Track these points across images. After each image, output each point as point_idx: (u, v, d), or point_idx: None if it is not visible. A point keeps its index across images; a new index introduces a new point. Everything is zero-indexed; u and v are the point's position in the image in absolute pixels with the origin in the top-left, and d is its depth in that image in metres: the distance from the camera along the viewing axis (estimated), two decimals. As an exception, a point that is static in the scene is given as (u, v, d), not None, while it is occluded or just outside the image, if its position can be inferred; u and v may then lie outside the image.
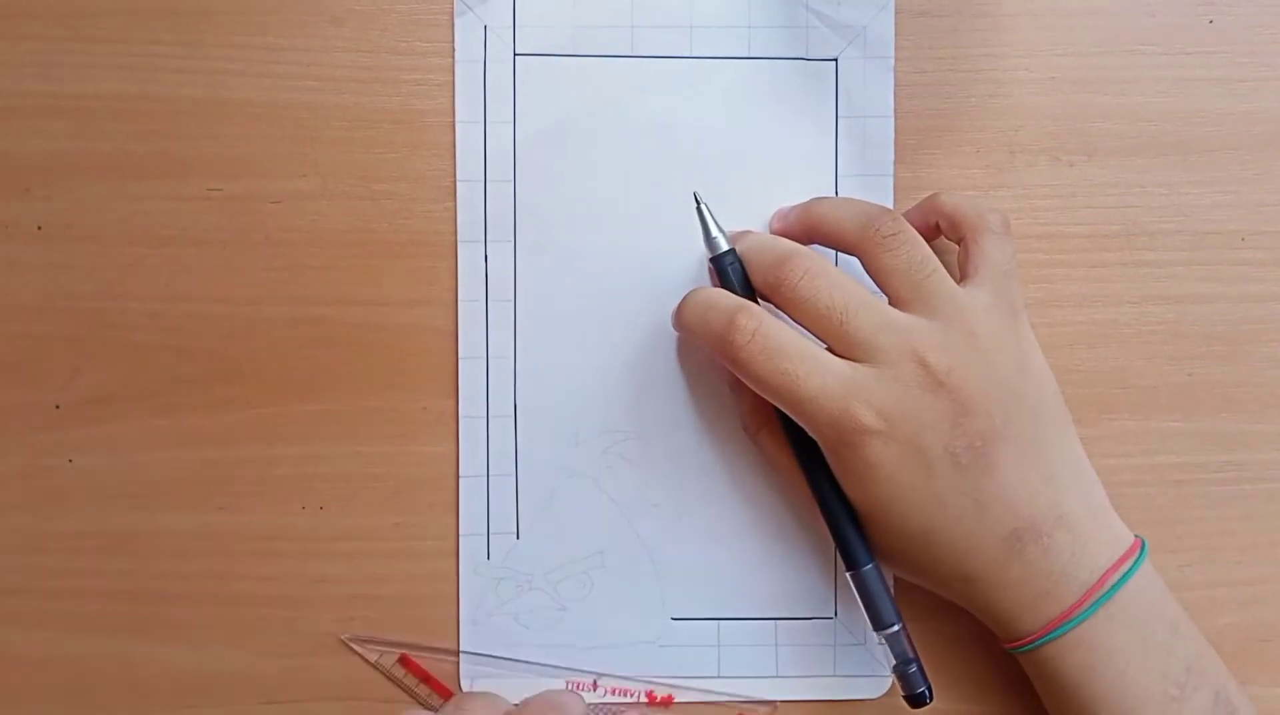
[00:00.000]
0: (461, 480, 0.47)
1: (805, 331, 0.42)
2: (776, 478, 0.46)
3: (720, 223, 0.44)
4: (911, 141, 0.47)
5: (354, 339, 0.47)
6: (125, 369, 0.46)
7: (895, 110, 0.47)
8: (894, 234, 0.42)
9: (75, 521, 0.46)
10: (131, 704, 0.47)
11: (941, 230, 0.44)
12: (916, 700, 0.43)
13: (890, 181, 0.47)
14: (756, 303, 0.43)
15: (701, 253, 0.45)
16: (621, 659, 0.47)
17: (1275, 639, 0.43)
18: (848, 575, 0.43)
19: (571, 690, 0.46)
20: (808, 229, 0.44)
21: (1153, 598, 0.42)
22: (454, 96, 0.46)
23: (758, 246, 0.43)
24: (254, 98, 0.46)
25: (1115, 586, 0.41)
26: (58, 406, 0.46)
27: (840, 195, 0.47)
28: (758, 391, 0.42)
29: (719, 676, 0.47)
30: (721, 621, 0.47)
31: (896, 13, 0.46)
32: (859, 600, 0.43)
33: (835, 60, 0.46)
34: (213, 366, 0.46)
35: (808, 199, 0.45)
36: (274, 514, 0.47)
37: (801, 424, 0.42)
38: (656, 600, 0.47)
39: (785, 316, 0.42)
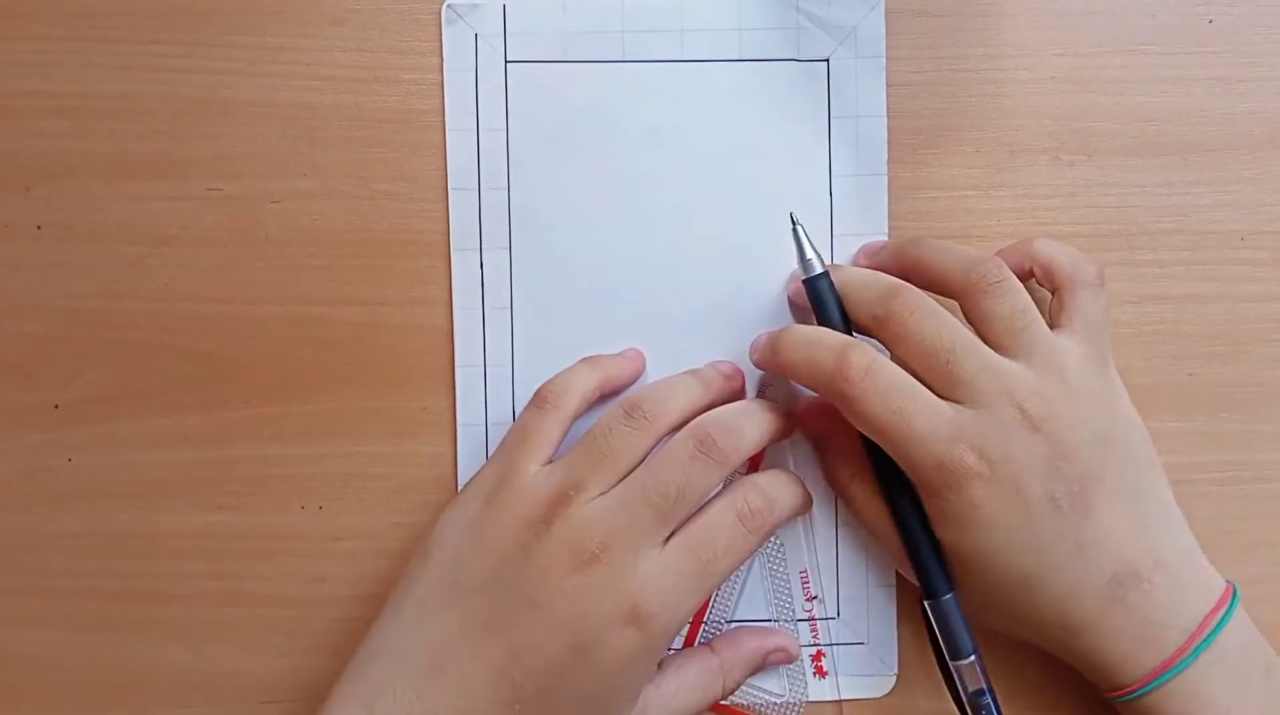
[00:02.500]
0: (460, 483, 0.47)
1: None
2: (864, 529, 0.46)
3: (816, 247, 0.44)
4: (911, 141, 0.47)
5: (353, 339, 0.47)
6: (125, 369, 0.46)
7: (894, 110, 0.47)
8: (999, 282, 0.42)
9: (75, 521, 0.46)
10: (131, 704, 0.47)
11: (1035, 277, 0.44)
12: None
13: (884, 181, 0.47)
14: (852, 334, 0.43)
15: (698, 258, 0.46)
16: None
17: (1276, 638, 0.43)
18: (926, 605, 0.43)
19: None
20: (904, 268, 0.44)
21: (1247, 643, 0.42)
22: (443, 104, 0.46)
23: (859, 279, 0.43)
24: (254, 98, 0.46)
25: (1214, 632, 0.41)
26: (58, 406, 0.46)
27: (834, 193, 0.47)
28: (863, 429, 0.41)
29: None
30: (723, 623, 0.47)
31: (896, 13, 0.46)
32: (936, 630, 0.43)
33: (827, 61, 0.46)
34: (213, 366, 0.46)
35: (895, 240, 0.46)
36: (274, 514, 0.47)
37: (904, 465, 0.41)
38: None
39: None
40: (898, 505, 0.43)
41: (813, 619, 0.47)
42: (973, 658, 0.43)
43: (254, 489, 0.47)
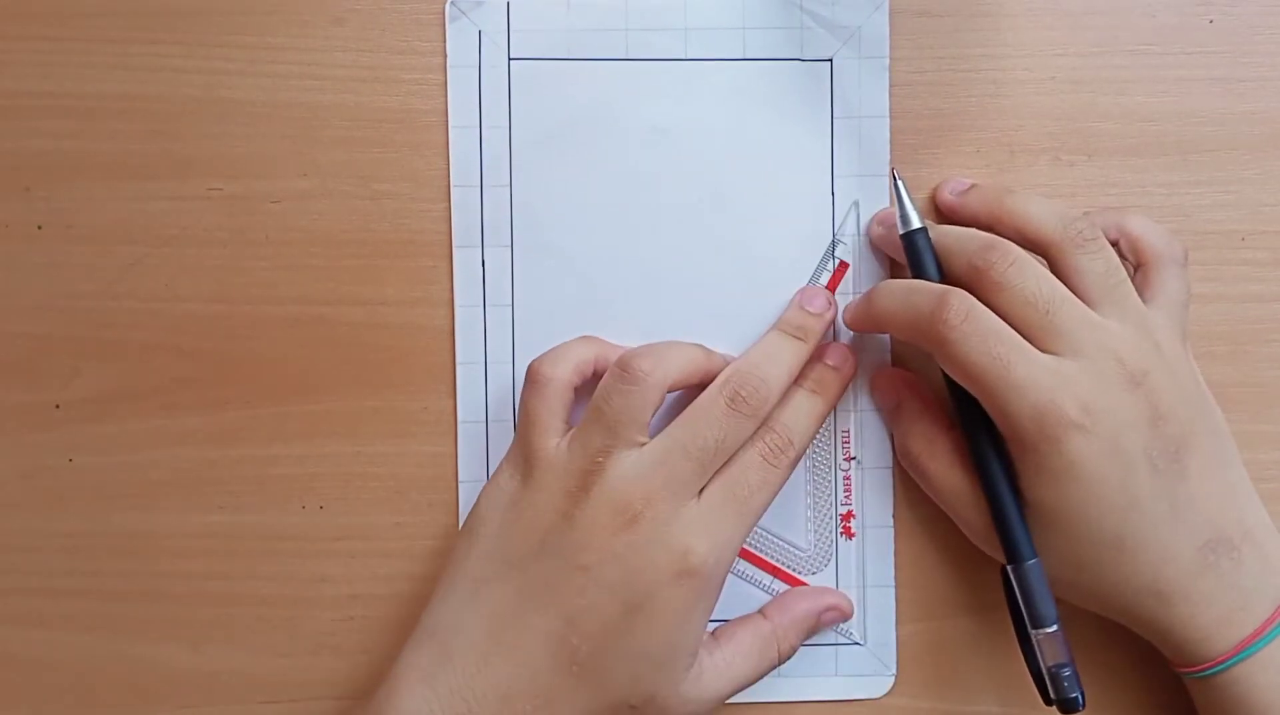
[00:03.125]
0: (461, 484, 0.47)
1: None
2: (939, 501, 0.46)
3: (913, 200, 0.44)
4: (912, 141, 0.47)
5: (354, 339, 0.47)
6: (125, 369, 0.46)
7: (895, 110, 0.47)
8: (1093, 238, 0.42)
9: (75, 521, 0.46)
10: (131, 704, 0.47)
11: (1121, 249, 0.44)
12: (1067, 705, 0.42)
13: (885, 182, 0.47)
14: None
15: (701, 257, 0.46)
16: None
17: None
18: (1008, 569, 0.42)
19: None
20: (994, 215, 0.44)
21: None
22: (446, 101, 0.46)
23: (956, 232, 0.43)
24: (254, 98, 0.46)
25: None
26: (58, 406, 0.46)
27: (835, 192, 0.47)
28: (960, 376, 0.41)
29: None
30: (722, 623, 0.47)
31: (896, 13, 0.46)
32: (1018, 597, 0.42)
33: (830, 61, 0.46)
34: (213, 366, 0.46)
35: (986, 185, 0.45)
36: (274, 514, 0.47)
37: (1000, 415, 0.41)
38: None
39: None
40: (984, 462, 0.42)
41: (847, 478, 0.47)
42: (1056, 627, 0.42)
43: (254, 489, 0.47)
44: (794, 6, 0.46)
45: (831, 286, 0.47)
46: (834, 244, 0.47)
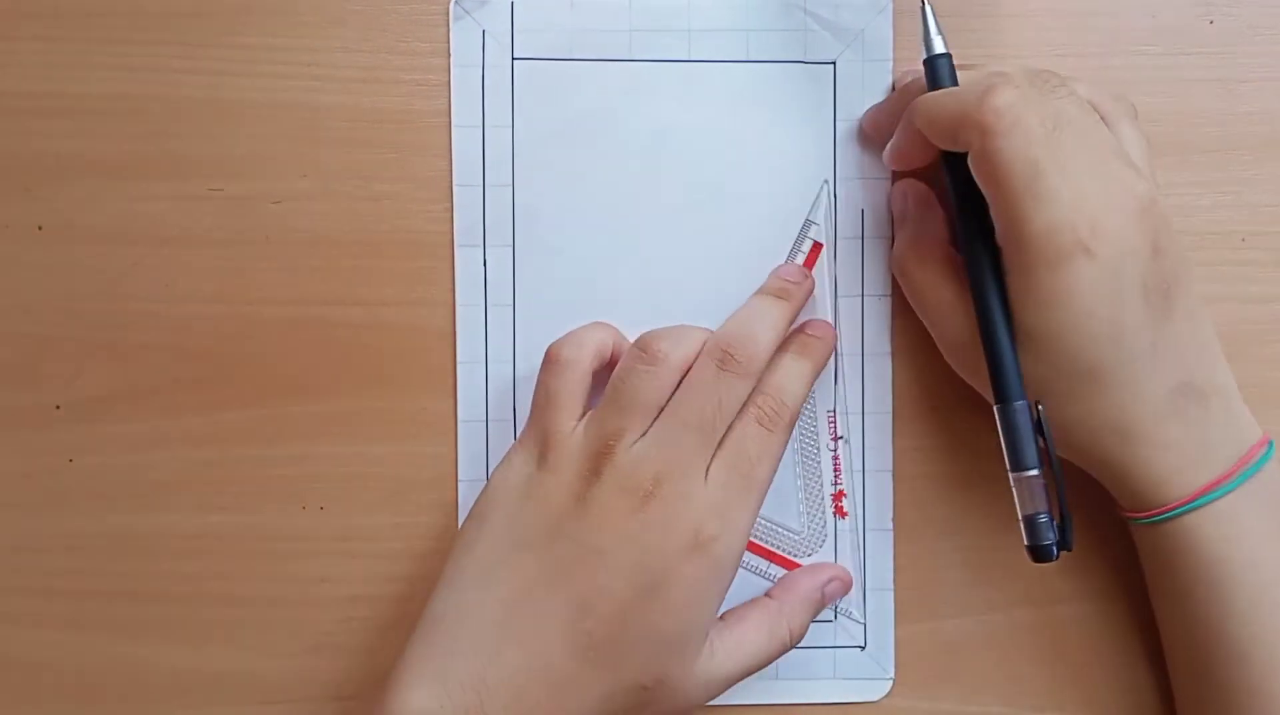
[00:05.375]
0: (460, 483, 0.47)
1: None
2: (924, 317, 0.45)
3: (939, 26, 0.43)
4: (912, 142, 0.47)
5: (354, 339, 0.47)
6: (125, 369, 0.46)
7: (895, 111, 0.47)
8: (1063, 83, 0.41)
9: (75, 521, 0.46)
10: (131, 704, 0.47)
11: None
12: (1037, 554, 0.41)
13: (887, 185, 0.47)
14: None
15: (702, 258, 0.46)
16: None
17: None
18: (996, 409, 0.42)
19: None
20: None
21: None
22: (450, 100, 0.46)
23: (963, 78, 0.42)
24: (254, 98, 0.46)
25: (1261, 461, 0.41)
26: (58, 406, 0.46)
27: (839, 195, 0.47)
28: (989, 172, 0.40)
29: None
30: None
31: (896, 14, 0.46)
32: (1001, 439, 0.42)
33: (833, 63, 0.46)
34: (213, 366, 0.46)
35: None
36: (274, 514, 0.47)
37: (1011, 224, 0.40)
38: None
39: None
40: (982, 289, 0.42)
41: (836, 458, 0.47)
42: (1035, 472, 0.41)
43: (255, 489, 0.47)
44: (797, 9, 0.46)
45: (807, 267, 0.47)
46: (807, 225, 0.47)
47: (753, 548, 0.47)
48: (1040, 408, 0.41)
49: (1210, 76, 0.47)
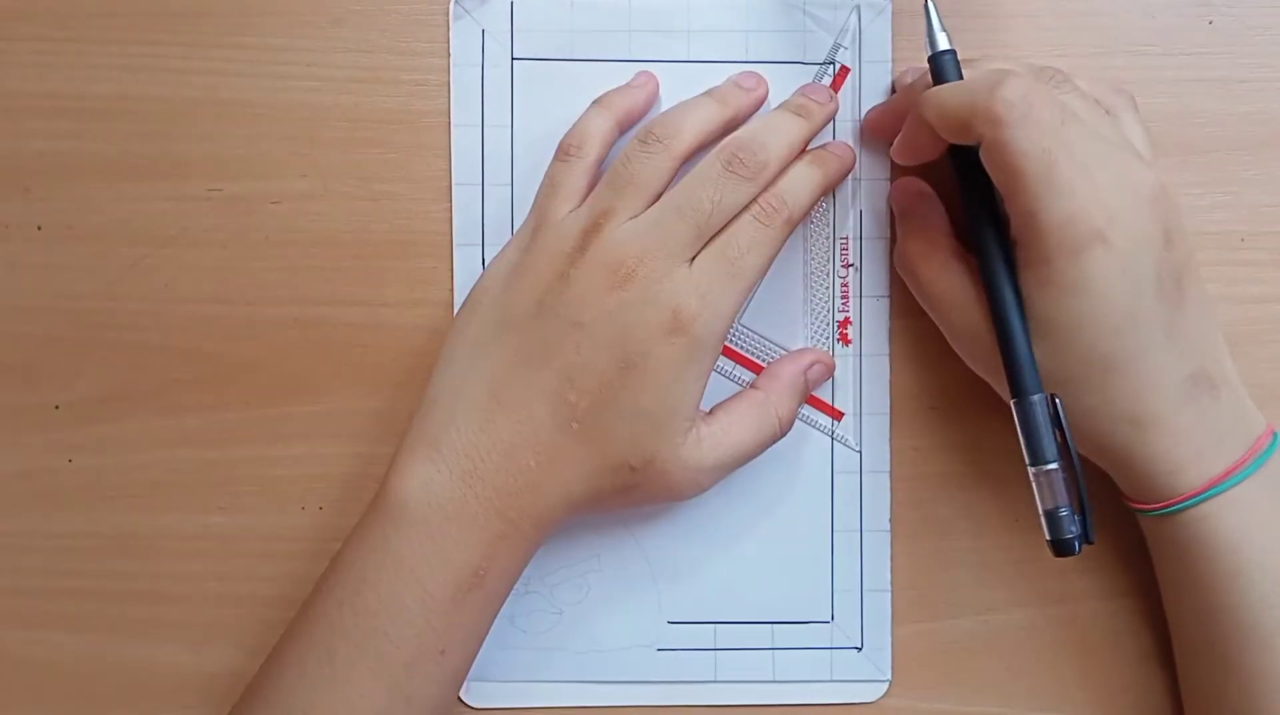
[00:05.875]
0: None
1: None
2: (933, 314, 0.45)
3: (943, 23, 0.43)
4: (912, 142, 0.47)
5: (354, 339, 0.47)
6: (125, 369, 0.46)
7: (895, 111, 0.47)
8: (1066, 80, 0.42)
9: (75, 521, 0.47)
10: (131, 704, 0.47)
11: None
12: (1059, 547, 0.41)
13: (886, 186, 0.47)
14: None
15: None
16: (618, 663, 0.47)
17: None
18: (1013, 403, 0.41)
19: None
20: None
21: None
22: (449, 99, 0.46)
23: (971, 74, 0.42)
24: (254, 98, 0.46)
25: (1269, 451, 0.42)
26: (58, 407, 0.46)
27: (837, 195, 0.47)
28: (1001, 164, 0.39)
29: (715, 681, 0.47)
30: (718, 625, 0.47)
31: (896, 15, 0.46)
32: (1019, 433, 0.41)
33: (832, 64, 0.46)
34: (213, 366, 0.46)
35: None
36: (274, 515, 0.47)
37: (1027, 216, 0.40)
38: (653, 604, 0.47)
39: None
40: (995, 279, 0.41)
41: (845, 285, 0.47)
42: (1054, 466, 0.41)
43: (254, 490, 0.47)
44: (797, 9, 0.46)
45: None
46: (835, 49, 0.46)
47: (749, 364, 0.47)
48: (1058, 400, 0.41)
49: (1210, 76, 0.47)
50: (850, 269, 0.47)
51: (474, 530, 0.41)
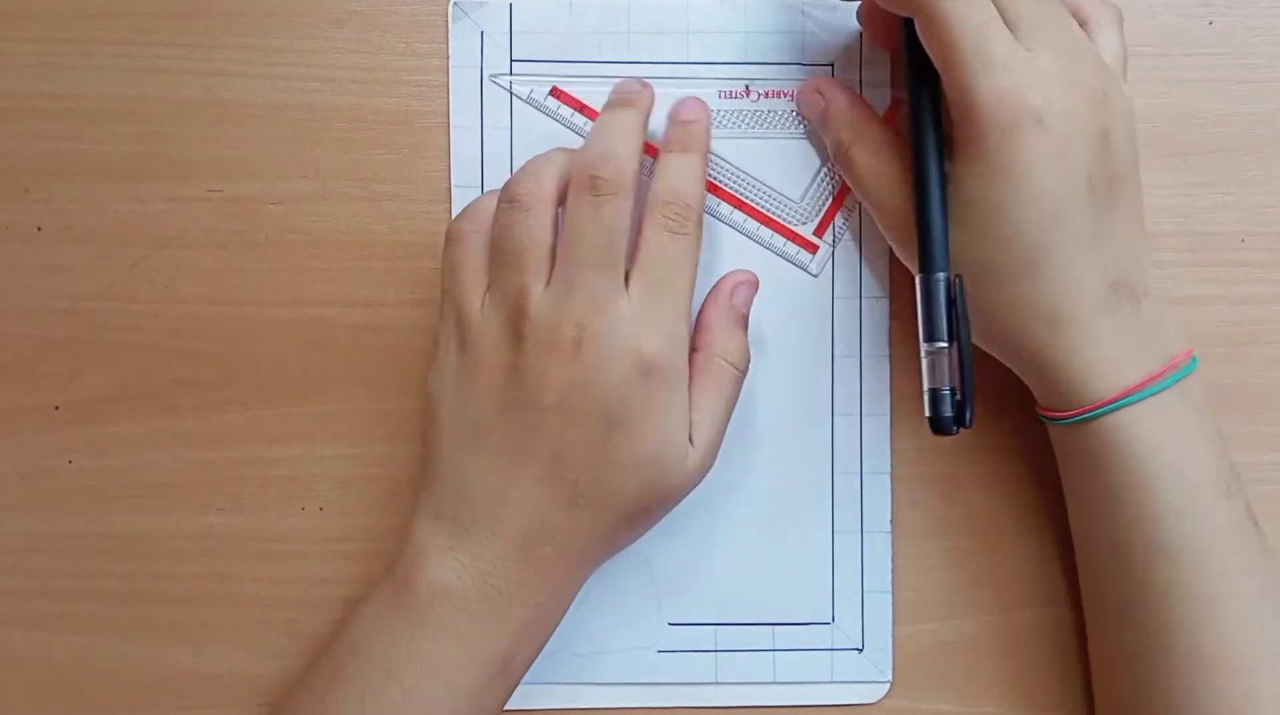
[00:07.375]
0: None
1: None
2: (862, 197, 0.45)
3: None
4: (911, 143, 0.47)
5: (354, 340, 0.47)
6: (125, 370, 0.46)
7: (895, 112, 0.47)
8: None
9: (75, 522, 0.47)
10: (131, 704, 0.47)
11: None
12: (937, 426, 0.41)
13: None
14: None
15: (703, 257, 0.45)
16: (618, 664, 0.47)
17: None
18: (917, 279, 0.41)
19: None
20: None
21: (1206, 398, 0.42)
22: (448, 101, 0.46)
23: None
24: (254, 99, 0.46)
25: (1189, 367, 0.41)
26: (58, 407, 0.46)
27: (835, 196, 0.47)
28: (935, 35, 0.39)
29: (716, 683, 0.47)
30: (718, 627, 0.47)
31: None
32: (919, 310, 0.41)
33: (832, 65, 0.46)
34: (213, 367, 0.46)
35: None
36: (274, 514, 0.47)
37: (960, 91, 0.39)
38: (653, 606, 0.47)
39: None
40: (921, 157, 0.41)
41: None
42: (944, 345, 0.41)
43: (254, 490, 0.47)
44: (796, 11, 0.46)
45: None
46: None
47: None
48: (959, 280, 0.41)
49: (1210, 76, 0.47)
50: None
51: (500, 624, 0.41)
